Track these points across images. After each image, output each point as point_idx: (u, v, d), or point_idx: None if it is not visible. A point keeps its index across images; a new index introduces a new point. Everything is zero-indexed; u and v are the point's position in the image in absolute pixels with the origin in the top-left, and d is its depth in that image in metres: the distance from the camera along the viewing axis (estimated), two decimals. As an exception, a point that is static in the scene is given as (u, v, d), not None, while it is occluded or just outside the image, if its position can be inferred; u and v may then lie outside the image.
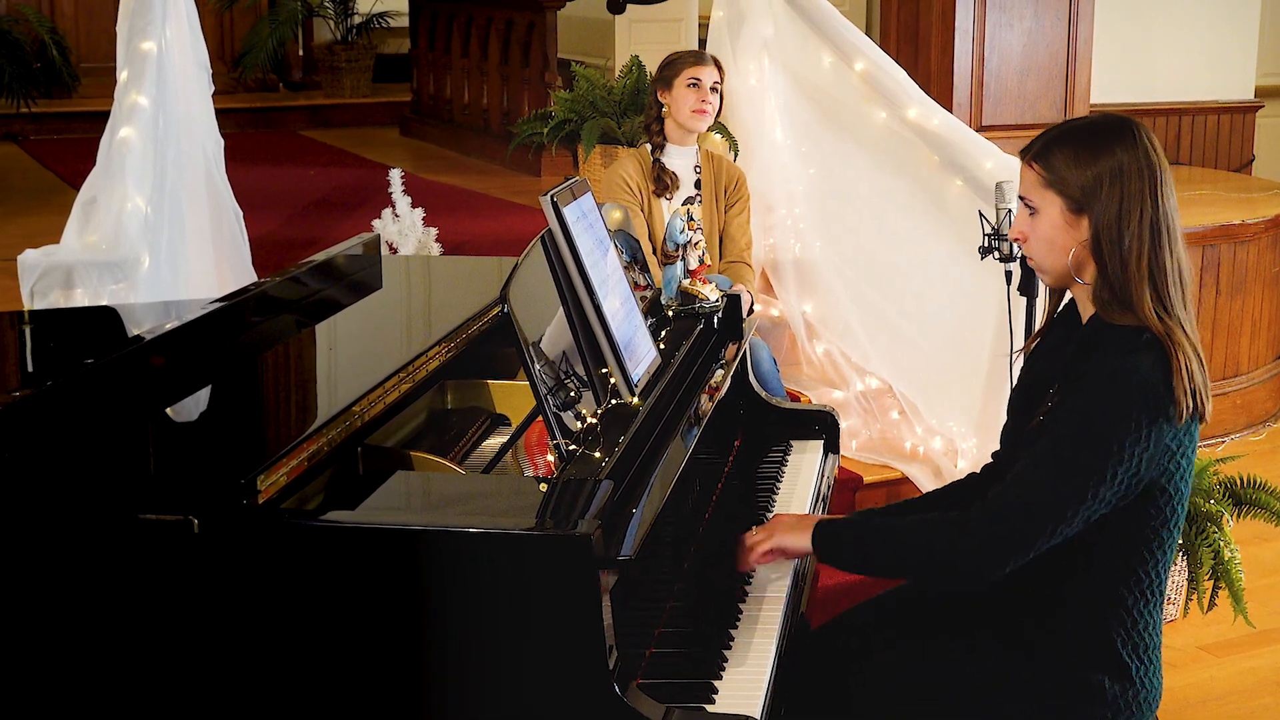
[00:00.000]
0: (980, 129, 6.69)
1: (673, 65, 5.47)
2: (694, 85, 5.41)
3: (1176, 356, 2.83)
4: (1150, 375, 2.82)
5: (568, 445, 2.82)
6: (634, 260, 3.69)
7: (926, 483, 5.41)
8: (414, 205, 6.14)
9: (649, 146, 5.53)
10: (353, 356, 3.46)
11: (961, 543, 2.89)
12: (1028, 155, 2.99)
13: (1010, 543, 2.85)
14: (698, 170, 5.56)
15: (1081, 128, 2.98)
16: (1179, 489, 2.92)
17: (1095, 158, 2.90)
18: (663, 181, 5.45)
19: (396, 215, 6.09)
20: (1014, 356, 3.24)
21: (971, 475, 3.39)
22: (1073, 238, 2.93)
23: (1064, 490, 2.82)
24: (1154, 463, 2.83)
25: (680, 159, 5.54)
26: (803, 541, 3.10)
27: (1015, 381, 3.23)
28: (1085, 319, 3.02)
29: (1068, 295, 3.11)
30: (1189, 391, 2.83)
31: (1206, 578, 4.87)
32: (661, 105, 5.49)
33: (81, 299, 4.90)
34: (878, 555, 3.04)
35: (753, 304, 5.39)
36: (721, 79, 5.50)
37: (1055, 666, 2.96)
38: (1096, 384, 2.83)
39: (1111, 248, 2.88)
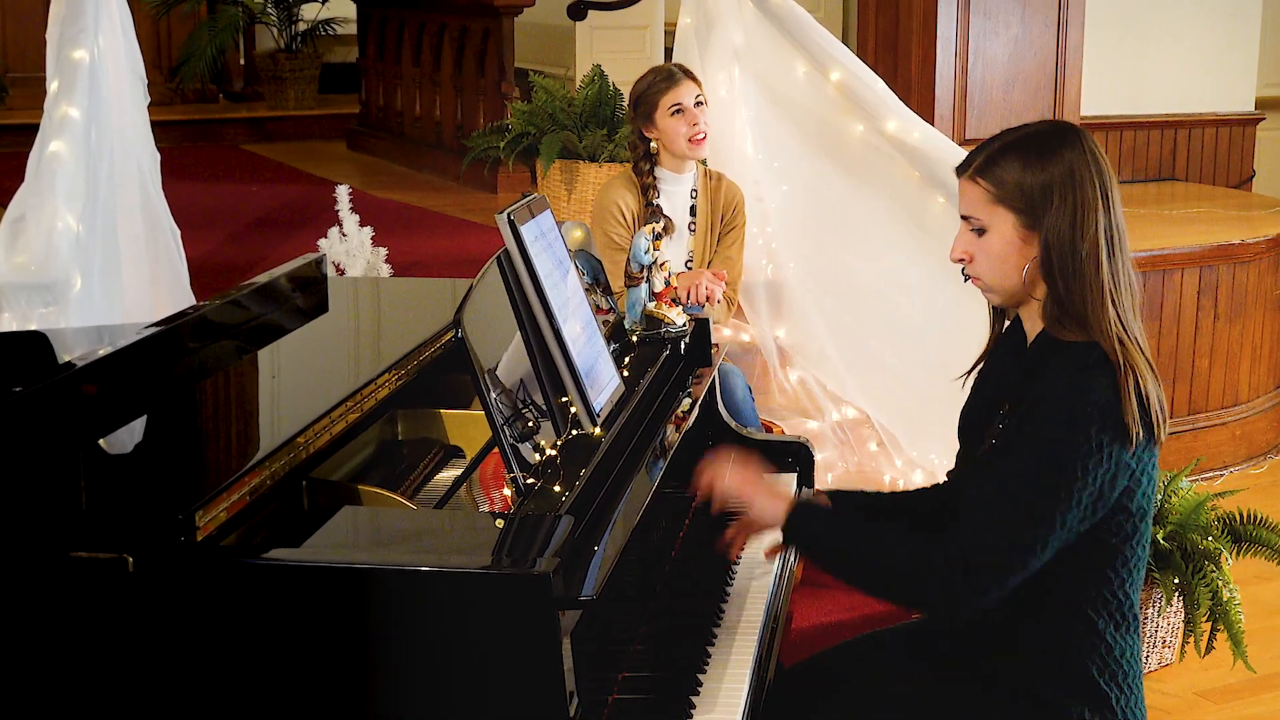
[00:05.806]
0: (964, 143, 6.71)
1: (647, 96, 5.23)
2: (678, 112, 5.18)
3: (1128, 379, 2.86)
4: (1105, 395, 2.85)
5: (525, 479, 2.83)
6: (596, 282, 3.70)
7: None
8: (362, 224, 6.14)
9: (641, 187, 5.28)
10: (297, 384, 3.46)
11: (937, 580, 2.90)
12: (968, 171, 3.01)
13: (987, 579, 2.87)
14: (694, 195, 5.37)
15: (1026, 137, 2.99)
16: (1141, 506, 2.96)
17: (1044, 167, 2.93)
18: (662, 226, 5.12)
19: (344, 234, 6.09)
20: (964, 381, 3.26)
21: (936, 486, 3.43)
22: (1026, 254, 2.96)
23: (1032, 520, 2.84)
24: (1114, 484, 2.87)
25: (676, 186, 5.34)
26: (775, 516, 3.11)
27: (962, 406, 3.26)
28: (1031, 336, 3.06)
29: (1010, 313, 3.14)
30: (1138, 417, 2.86)
31: (1204, 619, 4.88)
32: (649, 141, 5.26)
33: (9, 323, 4.89)
34: (848, 566, 3.06)
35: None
36: (701, 88, 5.27)
37: (1031, 699, 2.99)
38: (1052, 406, 2.87)
39: (1064, 261, 2.91)
